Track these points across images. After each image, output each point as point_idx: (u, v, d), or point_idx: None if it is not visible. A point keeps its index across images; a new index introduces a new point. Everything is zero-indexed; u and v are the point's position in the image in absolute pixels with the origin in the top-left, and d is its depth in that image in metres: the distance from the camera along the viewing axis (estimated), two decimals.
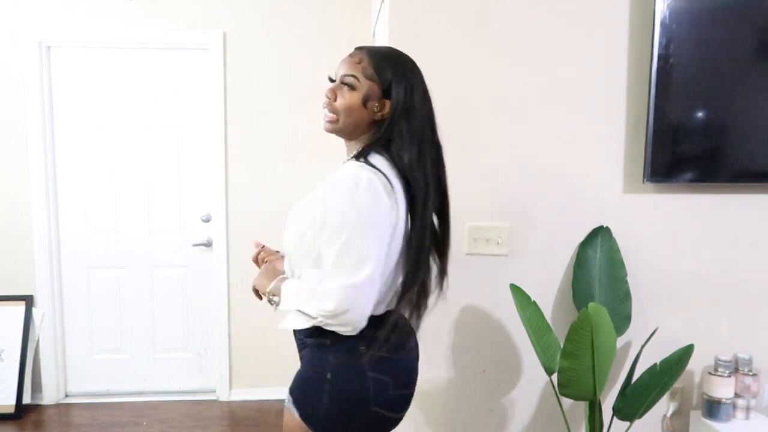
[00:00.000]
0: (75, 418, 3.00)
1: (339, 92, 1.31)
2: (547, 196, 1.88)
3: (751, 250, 1.91)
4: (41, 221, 3.05)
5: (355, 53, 1.32)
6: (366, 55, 1.31)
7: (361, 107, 1.29)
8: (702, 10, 1.77)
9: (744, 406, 1.84)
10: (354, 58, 1.31)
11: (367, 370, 1.25)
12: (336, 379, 1.26)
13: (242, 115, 3.07)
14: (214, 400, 3.22)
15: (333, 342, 1.26)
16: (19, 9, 2.96)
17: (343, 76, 1.30)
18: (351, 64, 1.30)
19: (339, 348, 1.26)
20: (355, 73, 1.29)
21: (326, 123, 1.34)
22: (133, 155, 3.12)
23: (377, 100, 1.29)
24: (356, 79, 1.29)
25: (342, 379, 1.26)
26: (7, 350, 3.02)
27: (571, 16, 1.82)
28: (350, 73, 1.30)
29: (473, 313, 1.92)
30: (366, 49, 1.33)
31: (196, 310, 3.24)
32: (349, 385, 1.26)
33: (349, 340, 1.24)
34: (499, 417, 1.96)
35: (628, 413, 1.72)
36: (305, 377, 1.31)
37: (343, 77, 1.31)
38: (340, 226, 1.18)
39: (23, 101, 3.00)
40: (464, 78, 1.84)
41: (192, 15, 3.00)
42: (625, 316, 1.82)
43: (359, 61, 1.30)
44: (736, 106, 1.79)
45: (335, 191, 1.22)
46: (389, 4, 1.84)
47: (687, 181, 1.84)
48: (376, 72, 1.28)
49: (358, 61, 1.30)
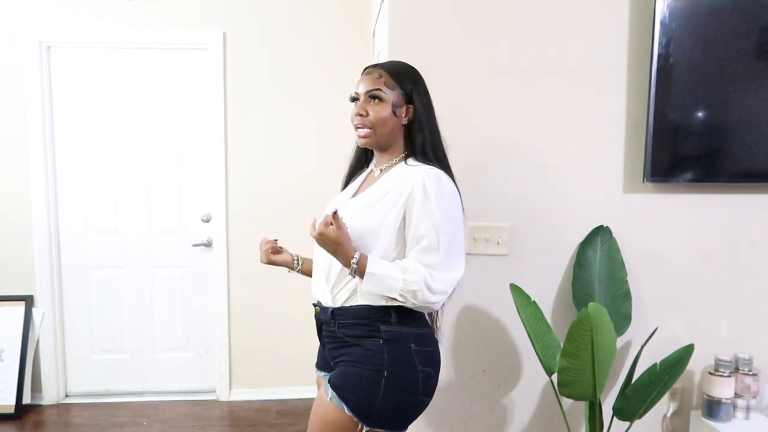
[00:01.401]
0: (75, 418, 3.00)
1: (368, 107, 1.43)
2: (547, 196, 1.88)
3: (751, 250, 1.91)
4: (41, 221, 3.05)
5: (372, 70, 1.46)
6: (383, 70, 1.46)
7: (392, 116, 1.44)
8: (702, 10, 1.77)
9: (744, 406, 1.84)
10: (373, 74, 1.45)
11: (417, 364, 1.41)
12: (392, 376, 1.38)
13: (242, 115, 3.06)
14: (214, 400, 3.22)
15: (387, 340, 1.39)
16: (19, 9, 2.96)
17: (371, 91, 1.43)
18: (372, 80, 1.44)
19: (393, 347, 1.39)
20: (379, 86, 1.43)
21: (362, 139, 1.46)
22: (133, 155, 3.12)
23: (404, 107, 1.45)
24: (383, 92, 1.43)
25: (397, 375, 1.38)
26: (7, 350, 3.02)
27: (571, 17, 1.82)
28: (376, 87, 1.43)
29: (473, 313, 1.92)
30: (380, 65, 1.48)
31: (196, 310, 3.24)
32: (403, 381, 1.39)
33: (402, 338, 1.40)
34: (499, 417, 1.96)
35: (628, 413, 1.72)
36: (362, 377, 1.39)
37: (370, 92, 1.43)
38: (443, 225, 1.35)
39: (23, 101, 3.00)
40: (464, 78, 1.84)
41: (192, 15, 3.00)
42: (625, 316, 1.82)
43: (380, 76, 1.44)
44: (736, 106, 1.79)
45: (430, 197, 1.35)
46: (389, 4, 1.84)
47: (687, 181, 1.84)
48: (397, 82, 1.44)
49: (378, 76, 1.44)
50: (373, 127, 1.44)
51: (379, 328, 1.39)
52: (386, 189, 1.42)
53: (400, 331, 1.40)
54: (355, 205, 1.45)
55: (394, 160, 1.49)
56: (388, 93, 1.43)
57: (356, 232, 1.38)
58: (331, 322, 1.45)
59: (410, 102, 1.45)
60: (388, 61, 1.52)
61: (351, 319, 1.42)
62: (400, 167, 1.46)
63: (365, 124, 1.44)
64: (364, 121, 1.43)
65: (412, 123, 1.46)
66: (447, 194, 1.39)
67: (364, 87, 1.45)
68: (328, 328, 1.47)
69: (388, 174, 1.46)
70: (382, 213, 1.40)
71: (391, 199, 1.40)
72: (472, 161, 1.86)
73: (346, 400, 1.37)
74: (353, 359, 1.41)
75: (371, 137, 1.45)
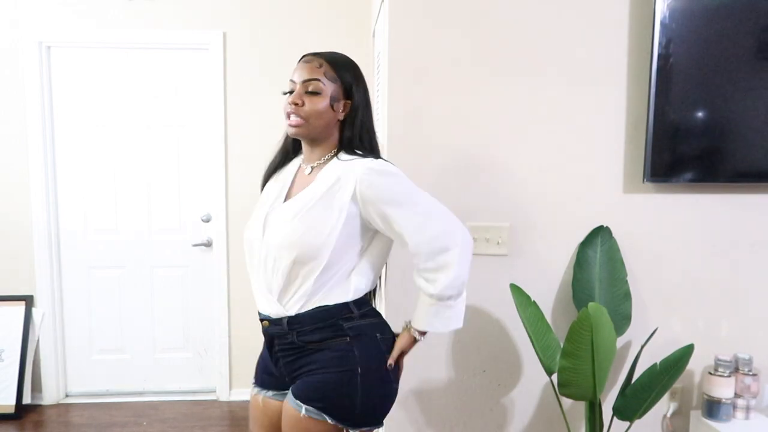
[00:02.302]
0: (75, 418, 3.00)
1: (305, 98, 1.34)
2: (547, 196, 1.88)
3: (751, 250, 1.91)
4: (41, 221, 3.05)
5: (312, 59, 1.37)
6: (324, 60, 1.36)
7: (329, 109, 1.35)
8: (702, 10, 1.77)
9: (744, 406, 1.84)
10: (313, 63, 1.35)
11: (385, 353, 1.38)
12: (366, 372, 1.34)
13: (242, 115, 3.07)
14: (214, 400, 3.22)
15: (353, 336, 1.35)
16: (19, 9, 2.96)
17: (309, 81, 1.34)
18: (312, 69, 1.35)
19: (361, 342, 1.35)
20: (319, 77, 1.34)
21: (292, 128, 1.36)
22: (133, 155, 3.12)
23: (342, 101, 1.37)
24: (322, 83, 1.34)
25: (371, 370, 1.35)
26: (7, 350, 3.02)
27: (571, 16, 1.82)
28: (315, 77, 1.34)
29: (473, 313, 1.92)
30: (321, 55, 1.38)
31: (196, 310, 3.24)
32: (377, 374, 1.36)
33: (367, 331, 1.37)
34: (499, 417, 1.96)
35: (628, 413, 1.72)
36: (335, 381, 1.33)
37: (308, 82, 1.34)
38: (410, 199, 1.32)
39: (23, 101, 3.00)
40: (464, 78, 1.84)
41: (192, 15, 3.00)
42: (625, 316, 1.82)
43: (320, 65, 1.35)
44: (736, 106, 1.79)
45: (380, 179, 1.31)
46: (389, 4, 1.84)
47: (687, 181, 1.84)
48: (338, 75, 1.36)
49: (318, 65, 1.35)
50: (306, 119, 1.34)
51: (342, 326, 1.34)
52: (322, 190, 1.33)
53: (363, 324, 1.36)
54: (289, 210, 1.35)
55: (326, 156, 1.39)
56: (327, 85, 1.34)
57: (293, 239, 1.30)
58: (288, 333, 1.36)
59: (349, 97, 1.37)
60: (328, 52, 1.41)
61: (310, 324, 1.34)
62: (333, 164, 1.37)
63: (299, 113, 1.34)
64: (298, 110, 1.33)
65: (347, 118, 1.38)
66: (397, 176, 1.33)
67: (300, 75, 1.35)
68: (284, 341, 1.38)
69: (322, 173, 1.37)
70: (322, 216, 1.31)
71: (330, 201, 1.32)
72: (472, 161, 1.86)
73: (326, 410, 1.31)
74: (320, 366, 1.34)
75: (303, 127, 1.35)
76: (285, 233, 1.32)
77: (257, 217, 1.42)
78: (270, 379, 1.48)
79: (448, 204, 1.89)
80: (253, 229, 1.41)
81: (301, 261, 1.31)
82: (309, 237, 1.30)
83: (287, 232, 1.32)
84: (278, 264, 1.33)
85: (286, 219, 1.34)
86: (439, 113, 1.85)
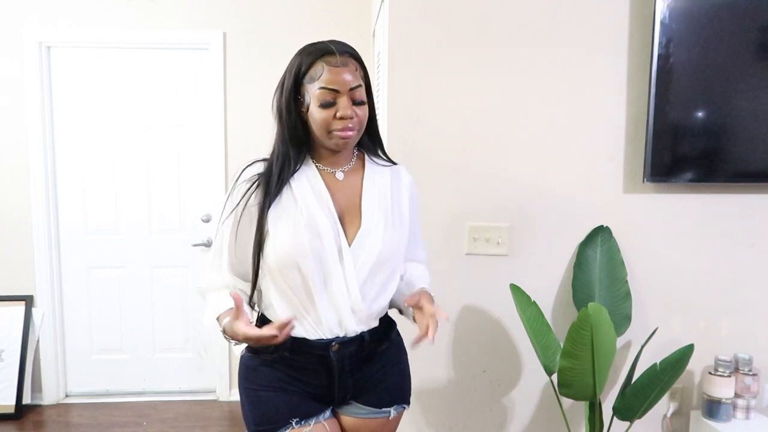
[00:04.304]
0: (75, 418, 3.00)
1: (355, 108, 1.21)
2: (547, 196, 1.88)
3: (751, 250, 1.91)
4: (41, 221, 3.05)
5: (346, 59, 1.20)
6: (353, 59, 1.23)
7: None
8: (702, 10, 1.77)
9: (744, 406, 1.84)
10: (351, 66, 1.21)
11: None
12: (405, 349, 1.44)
13: (242, 115, 3.06)
14: (214, 400, 3.22)
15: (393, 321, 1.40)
16: (19, 9, 2.96)
17: (355, 90, 1.20)
18: (353, 71, 1.20)
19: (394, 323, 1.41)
20: (360, 82, 1.21)
21: (347, 140, 1.21)
22: (133, 155, 3.12)
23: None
24: (364, 89, 1.23)
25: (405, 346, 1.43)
26: (7, 350, 3.02)
27: (571, 17, 1.82)
28: (359, 83, 1.21)
29: (473, 313, 1.92)
30: (347, 52, 1.23)
31: (196, 310, 3.23)
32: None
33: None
34: (499, 417, 1.96)
35: (628, 413, 1.72)
36: (405, 371, 1.42)
37: (355, 91, 1.20)
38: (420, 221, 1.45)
39: (23, 101, 3.00)
40: (464, 78, 1.84)
41: (192, 15, 3.00)
42: (625, 316, 1.82)
43: (356, 68, 1.22)
44: (736, 106, 1.79)
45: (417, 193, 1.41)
46: (389, 4, 1.84)
47: (687, 181, 1.84)
48: (365, 74, 1.25)
49: (355, 68, 1.21)
50: (359, 131, 1.23)
51: (389, 318, 1.39)
52: (387, 198, 1.30)
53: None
54: (375, 221, 1.26)
55: (353, 158, 1.31)
56: (364, 88, 1.23)
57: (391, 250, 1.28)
58: (367, 344, 1.29)
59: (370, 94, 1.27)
60: (340, 42, 1.24)
61: (378, 325, 1.32)
62: (374, 168, 1.32)
63: (355, 128, 1.21)
64: (353, 123, 1.20)
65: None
66: None
67: (344, 83, 1.18)
68: (357, 356, 1.28)
69: (370, 178, 1.30)
70: (398, 223, 1.31)
71: (399, 208, 1.32)
72: (472, 161, 1.86)
73: (405, 400, 1.40)
74: (392, 363, 1.37)
75: (353, 140, 1.24)
76: (383, 245, 1.25)
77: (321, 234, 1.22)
78: (315, 406, 1.30)
79: (448, 204, 1.90)
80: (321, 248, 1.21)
81: (394, 270, 1.31)
82: (401, 246, 1.31)
83: (386, 244, 1.25)
84: (377, 278, 1.27)
85: (377, 231, 1.25)
86: (439, 113, 1.85)
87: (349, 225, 1.25)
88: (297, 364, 1.26)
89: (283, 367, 1.27)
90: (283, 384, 1.27)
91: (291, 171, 1.24)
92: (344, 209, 1.26)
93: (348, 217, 1.26)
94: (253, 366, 1.30)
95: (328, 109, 1.19)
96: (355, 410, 1.34)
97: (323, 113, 1.19)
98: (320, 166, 1.28)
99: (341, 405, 1.34)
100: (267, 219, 1.21)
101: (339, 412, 1.35)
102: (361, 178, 1.30)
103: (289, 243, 1.19)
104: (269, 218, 1.21)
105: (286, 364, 1.26)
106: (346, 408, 1.35)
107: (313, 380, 1.28)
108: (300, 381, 1.27)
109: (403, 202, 1.33)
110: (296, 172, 1.25)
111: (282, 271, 1.21)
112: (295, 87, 1.23)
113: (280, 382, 1.27)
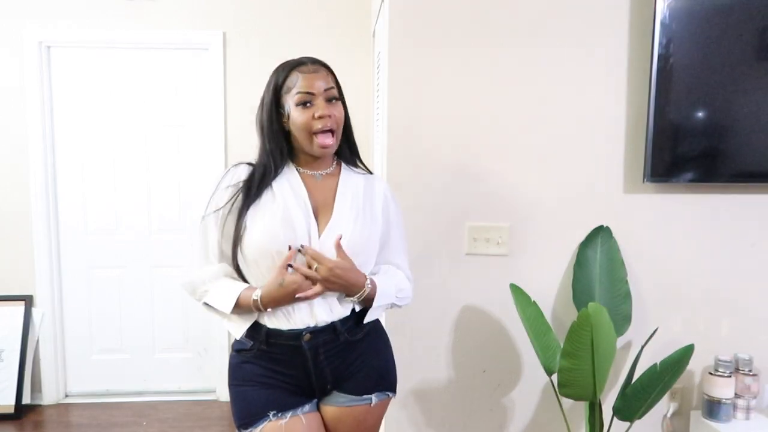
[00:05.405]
0: (75, 418, 3.00)
1: (330, 108, 1.31)
2: (547, 196, 1.88)
3: (751, 250, 1.91)
4: (41, 221, 3.05)
5: (317, 67, 1.33)
6: (322, 66, 1.34)
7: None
8: (702, 10, 1.77)
9: (744, 406, 1.84)
10: (322, 73, 1.32)
11: None
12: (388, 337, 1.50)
13: (242, 115, 3.06)
14: (213, 400, 3.22)
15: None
16: (19, 9, 2.96)
17: (330, 90, 1.32)
18: (325, 77, 1.32)
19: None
20: (332, 84, 1.33)
21: (327, 149, 1.32)
22: (133, 155, 3.12)
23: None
24: (335, 89, 1.33)
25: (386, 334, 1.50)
26: (6, 350, 3.02)
27: (572, 17, 1.82)
28: (332, 85, 1.32)
29: (473, 313, 1.92)
30: (317, 62, 1.35)
31: (196, 310, 3.22)
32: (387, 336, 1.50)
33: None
34: (499, 417, 1.96)
35: (628, 413, 1.72)
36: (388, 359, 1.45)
37: (330, 91, 1.31)
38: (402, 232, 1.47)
39: (23, 101, 3.00)
40: (464, 78, 1.84)
41: (192, 15, 3.00)
42: (625, 316, 1.82)
43: (327, 74, 1.33)
44: (736, 106, 1.79)
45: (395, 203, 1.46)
46: (389, 4, 1.84)
47: (687, 181, 1.84)
48: (338, 83, 1.36)
49: (326, 75, 1.33)
50: (337, 130, 1.32)
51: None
52: (360, 197, 1.38)
53: None
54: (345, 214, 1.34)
55: (333, 164, 1.42)
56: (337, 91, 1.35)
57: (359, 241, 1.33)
58: (340, 333, 1.33)
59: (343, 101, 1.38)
60: (311, 58, 1.37)
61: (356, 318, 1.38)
62: (349, 174, 1.41)
63: (333, 127, 1.30)
64: (331, 122, 1.30)
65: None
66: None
67: (318, 85, 1.29)
68: (331, 345, 1.33)
69: (345, 181, 1.39)
70: (370, 220, 1.37)
71: (371, 209, 1.39)
72: (472, 161, 1.86)
73: (390, 387, 1.43)
74: (372, 351, 1.40)
75: (334, 146, 1.34)
76: (351, 235, 1.32)
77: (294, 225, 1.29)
78: (294, 399, 1.35)
79: (448, 204, 1.90)
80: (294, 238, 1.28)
81: (363, 265, 1.35)
82: (371, 243, 1.36)
83: (354, 234, 1.33)
84: None
85: (347, 224, 1.33)
86: (439, 113, 1.85)
87: (322, 219, 1.34)
88: (274, 356, 1.33)
89: (264, 362, 1.34)
90: (263, 378, 1.34)
91: (272, 177, 1.34)
92: (319, 205, 1.35)
93: (322, 211, 1.35)
94: (238, 363, 1.38)
95: (306, 109, 1.29)
96: (336, 399, 1.39)
97: (303, 115, 1.29)
98: (301, 169, 1.39)
99: (323, 396, 1.39)
100: (246, 216, 1.30)
101: (322, 405, 1.40)
102: (337, 180, 1.40)
103: (265, 234, 1.28)
104: (248, 215, 1.31)
105: (265, 359, 1.34)
106: (327, 399, 1.40)
107: (290, 371, 1.34)
108: (278, 373, 1.34)
109: (375, 204, 1.40)
110: (278, 176, 1.35)
111: (258, 260, 1.29)
112: (276, 100, 1.34)
113: (261, 377, 1.34)
